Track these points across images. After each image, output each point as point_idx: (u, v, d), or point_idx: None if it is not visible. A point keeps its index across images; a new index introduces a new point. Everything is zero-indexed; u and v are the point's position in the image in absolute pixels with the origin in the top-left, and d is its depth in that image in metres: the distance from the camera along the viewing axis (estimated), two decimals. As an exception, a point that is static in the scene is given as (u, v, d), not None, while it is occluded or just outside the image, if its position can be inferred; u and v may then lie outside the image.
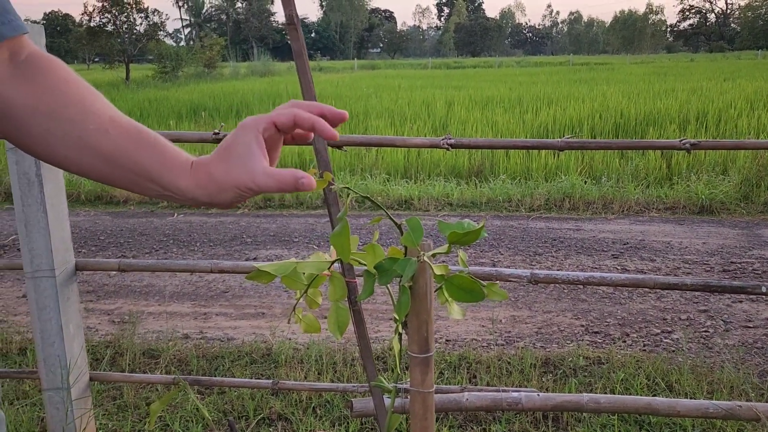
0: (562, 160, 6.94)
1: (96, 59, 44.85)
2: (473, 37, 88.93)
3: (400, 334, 0.79)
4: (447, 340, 3.24)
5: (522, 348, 3.05)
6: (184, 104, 12.26)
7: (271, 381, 2.00)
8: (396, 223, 0.76)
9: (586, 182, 6.40)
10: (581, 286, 3.95)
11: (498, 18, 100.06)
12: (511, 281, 1.79)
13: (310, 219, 5.68)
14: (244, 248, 4.85)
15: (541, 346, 3.13)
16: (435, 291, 0.85)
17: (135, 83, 23.06)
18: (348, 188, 0.71)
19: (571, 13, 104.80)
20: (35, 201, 1.81)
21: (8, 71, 0.64)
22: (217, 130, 1.78)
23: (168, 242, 5.02)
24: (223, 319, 3.57)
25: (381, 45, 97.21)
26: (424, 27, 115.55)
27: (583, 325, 3.40)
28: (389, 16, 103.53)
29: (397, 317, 0.76)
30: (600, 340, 3.21)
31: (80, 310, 2.02)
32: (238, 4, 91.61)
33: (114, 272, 4.32)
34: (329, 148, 1.42)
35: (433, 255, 0.76)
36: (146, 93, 16.29)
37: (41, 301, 1.89)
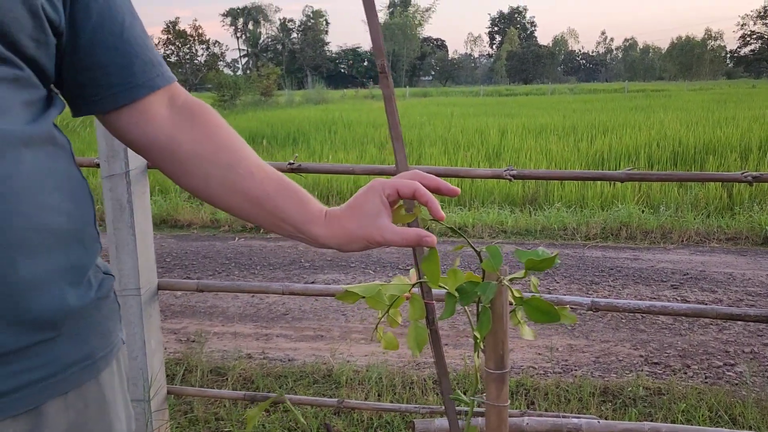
0: (619, 188, 6.88)
1: (159, 88, 46.69)
2: (525, 64, 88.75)
3: (479, 351, 0.86)
4: (503, 367, 3.27)
5: (580, 376, 3.05)
6: (243, 132, 12.66)
7: (336, 400, 2.08)
8: (476, 251, 0.85)
9: (643, 211, 6.33)
10: (640, 317, 3.91)
11: (551, 45, 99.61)
12: (571, 307, 1.84)
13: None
14: (302, 272, 4.99)
15: (600, 376, 3.12)
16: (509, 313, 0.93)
17: (195, 111, 23.93)
18: (434, 221, 0.80)
19: (626, 40, 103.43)
20: (126, 225, 1.97)
21: (170, 115, 0.77)
22: (291, 161, 1.90)
23: (230, 265, 5.21)
24: (283, 340, 3.69)
25: (432, 73, 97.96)
26: (476, 55, 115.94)
27: (642, 356, 3.37)
28: (441, 45, 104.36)
29: (478, 336, 0.84)
30: (660, 371, 3.17)
31: (160, 328, 2.17)
32: (294, 35, 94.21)
33: (179, 293, 4.53)
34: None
35: (511, 279, 0.84)
36: (206, 121, 16.90)
37: (127, 318, 2.04)
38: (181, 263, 5.31)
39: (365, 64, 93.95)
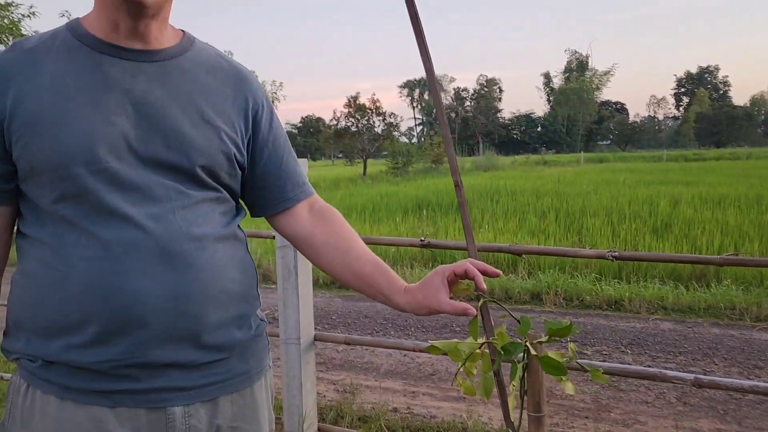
0: (803, 266, 6.32)
1: (339, 156, 50.40)
2: (717, 126, 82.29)
3: (519, 394, 1.13)
4: (640, 444, 3.26)
5: (721, 461, 2.97)
6: (411, 199, 13.41)
7: (457, 450, 2.34)
8: (516, 319, 1.13)
9: (830, 293, 5.77)
10: (805, 407, 3.65)
11: (748, 105, 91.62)
12: (674, 383, 1.96)
13: (516, 313, 5.93)
14: (453, 335, 5.27)
15: (745, 463, 3.01)
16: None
17: (370, 178, 25.58)
18: (481, 294, 1.10)
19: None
20: (291, 286, 2.45)
21: (309, 217, 1.19)
22: (423, 238, 2.27)
23: (387, 325, 5.65)
24: (428, 398, 3.99)
25: (611, 137, 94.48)
26: (660, 117, 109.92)
27: (799, 448, 3.17)
28: (620, 108, 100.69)
29: (512, 381, 1.12)
30: (817, 466, 2.98)
31: (315, 373, 2.60)
32: (467, 103, 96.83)
33: (341, 348, 5.04)
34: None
35: (541, 342, 1.10)
36: (379, 188, 18.06)
37: (289, 362, 2.50)
38: (345, 321, 5.86)
39: (538, 129, 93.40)
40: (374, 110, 31.33)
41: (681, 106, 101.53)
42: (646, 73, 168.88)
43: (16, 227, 1.07)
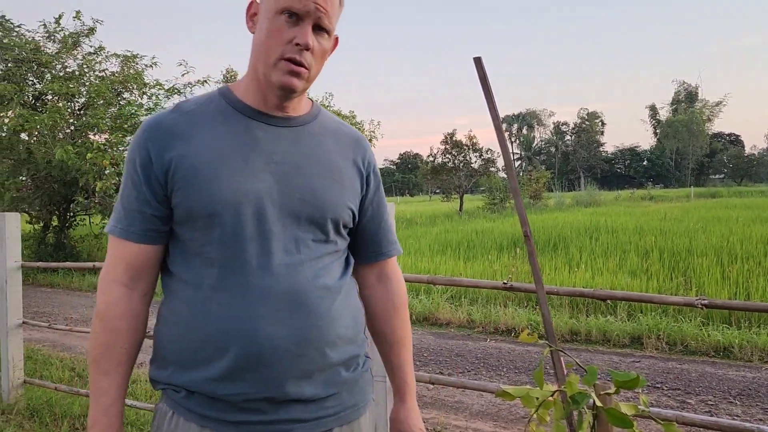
0: None
1: (437, 191, 50.55)
2: None
3: (582, 444, 1.14)
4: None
5: None
6: (506, 236, 13.21)
7: (542, 497, 2.31)
8: (582, 367, 1.15)
9: None
10: None
11: None
12: (773, 440, 1.85)
13: (615, 357, 5.71)
14: (548, 378, 5.14)
15: None
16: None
17: (467, 214, 25.49)
18: (547, 344, 1.14)
19: None
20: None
21: (376, 281, 1.37)
22: (505, 281, 2.30)
23: (479, 365, 5.60)
24: (518, 442, 3.91)
25: (725, 171, 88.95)
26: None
27: None
28: (735, 140, 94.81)
29: (578, 430, 1.13)
30: None
31: (400, 410, 2.65)
32: (567, 137, 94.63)
33: (432, 386, 5.04)
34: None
35: (608, 393, 1.12)
36: (475, 224, 17.95)
37: (376, 399, 2.58)
38: (437, 359, 5.86)
39: (644, 163, 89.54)
40: (471, 146, 31.31)
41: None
42: (763, 103, 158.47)
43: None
